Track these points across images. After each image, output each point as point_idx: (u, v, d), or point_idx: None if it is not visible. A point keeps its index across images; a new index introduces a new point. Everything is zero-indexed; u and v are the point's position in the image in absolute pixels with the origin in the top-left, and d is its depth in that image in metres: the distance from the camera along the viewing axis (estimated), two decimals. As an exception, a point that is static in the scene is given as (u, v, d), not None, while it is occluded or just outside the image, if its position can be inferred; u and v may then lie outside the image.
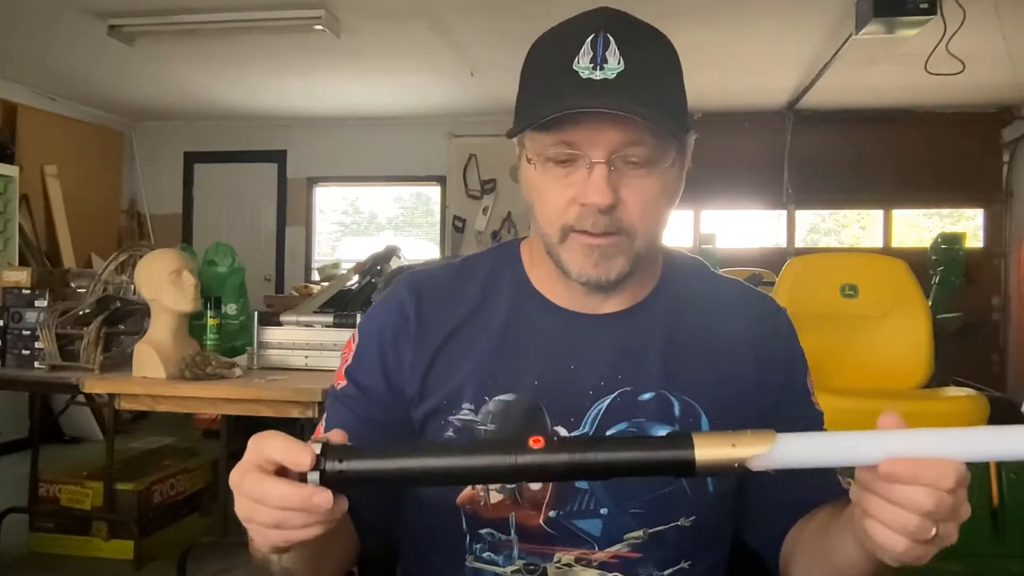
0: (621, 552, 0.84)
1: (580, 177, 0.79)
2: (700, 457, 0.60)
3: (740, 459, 0.60)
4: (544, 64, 0.83)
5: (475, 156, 6.48)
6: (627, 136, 0.77)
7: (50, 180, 5.63)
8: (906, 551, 0.61)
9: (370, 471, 0.61)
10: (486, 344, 0.88)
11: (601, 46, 0.78)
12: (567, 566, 0.84)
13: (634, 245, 0.82)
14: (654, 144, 0.78)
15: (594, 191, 0.78)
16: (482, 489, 0.85)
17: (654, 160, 0.79)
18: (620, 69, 0.77)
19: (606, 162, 0.78)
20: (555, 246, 0.83)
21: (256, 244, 6.77)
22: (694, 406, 0.85)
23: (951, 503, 0.59)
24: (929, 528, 0.59)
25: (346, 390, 0.90)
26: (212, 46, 4.59)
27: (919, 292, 3.02)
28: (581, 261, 0.82)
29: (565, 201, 0.81)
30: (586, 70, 0.77)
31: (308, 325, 2.68)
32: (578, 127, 0.77)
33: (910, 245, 5.89)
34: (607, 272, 0.82)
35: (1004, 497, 2.65)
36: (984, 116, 5.88)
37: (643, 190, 0.80)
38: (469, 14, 4.06)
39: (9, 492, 3.35)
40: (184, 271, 2.46)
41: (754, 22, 4.03)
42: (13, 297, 2.84)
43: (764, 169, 6.07)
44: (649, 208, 0.81)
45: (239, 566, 2.92)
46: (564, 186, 0.81)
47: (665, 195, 0.83)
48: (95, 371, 2.57)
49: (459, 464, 0.62)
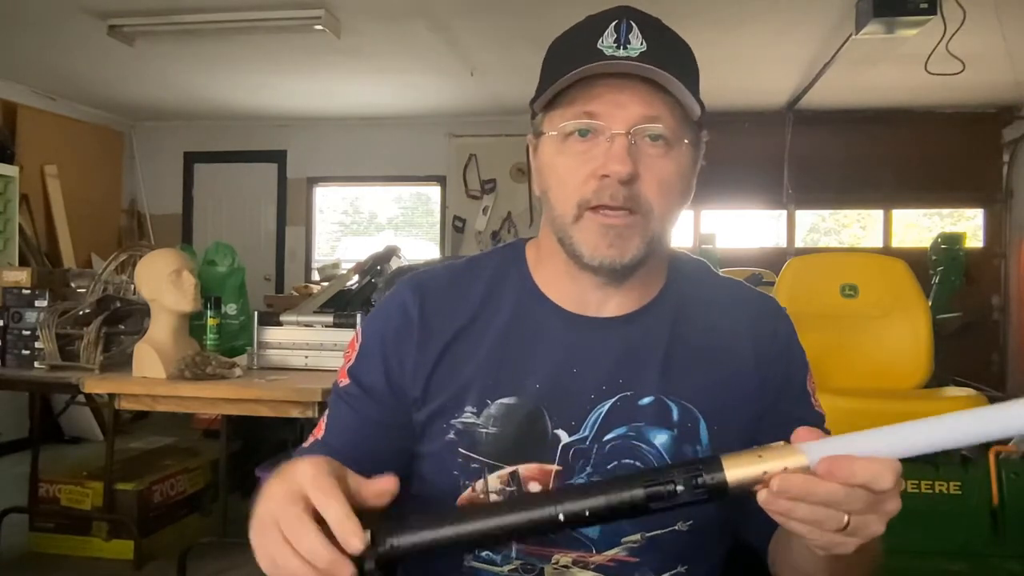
0: (619, 556, 0.84)
1: (600, 151, 0.80)
2: (732, 480, 0.60)
3: (770, 473, 0.60)
4: (567, 47, 0.84)
5: (475, 156, 6.48)
6: (648, 111, 0.79)
7: (50, 180, 5.64)
8: (815, 539, 0.62)
9: (418, 544, 0.61)
10: (489, 346, 0.87)
11: (624, 30, 0.80)
12: (564, 568, 0.84)
13: (650, 227, 0.82)
14: (672, 125, 0.80)
15: (615, 160, 0.78)
16: (482, 490, 0.84)
17: (671, 141, 0.81)
18: (643, 49, 0.79)
19: (626, 134, 0.79)
20: (568, 227, 0.83)
21: (256, 244, 6.77)
22: (692, 411, 0.85)
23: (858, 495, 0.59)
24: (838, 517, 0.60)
25: (348, 389, 0.90)
26: (212, 46, 4.59)
27: (919, 292, 3.02)
28: (596, 241, 0.81)
29: (583, 176, 0.81)
30: (610, 48, 0.79)
31: (308, 325, 2.68)
32: (600, 100, 0.80)
33: (910, 245, 5.89)
34: (622, 253, 0.81)
35: (1004, 497, 2.65)
36: (984, 116, 5.88)
37: (660, 169, 0.81)
38: (469, 14, 4.06)
39: (9, 492, 3.35)
40: (184, 271, 2.46)
41: (754, 22, 4.03)
42: (13, 297, 2.84)
43: (764, 169, 6.07)
44: (665, 188, 0.81)
45: (239, 566, 2.92)
46: (583, 161, 0.81)
47: (680, 180, 0.83)
48: (95, 371, 2.57)
49: (504, 523, 0.61)
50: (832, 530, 0.60)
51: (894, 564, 2.44)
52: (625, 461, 0.84)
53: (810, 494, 0.58)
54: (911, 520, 2.59)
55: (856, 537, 0.61)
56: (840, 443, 0.60)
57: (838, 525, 0.59)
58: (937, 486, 2.66)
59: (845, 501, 0.58)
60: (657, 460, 0.84)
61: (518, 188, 6.43)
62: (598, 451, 0.84)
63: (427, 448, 0.88)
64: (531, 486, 0.84)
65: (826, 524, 0.60)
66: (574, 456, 0.84)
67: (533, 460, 0.84)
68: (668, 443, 0.85)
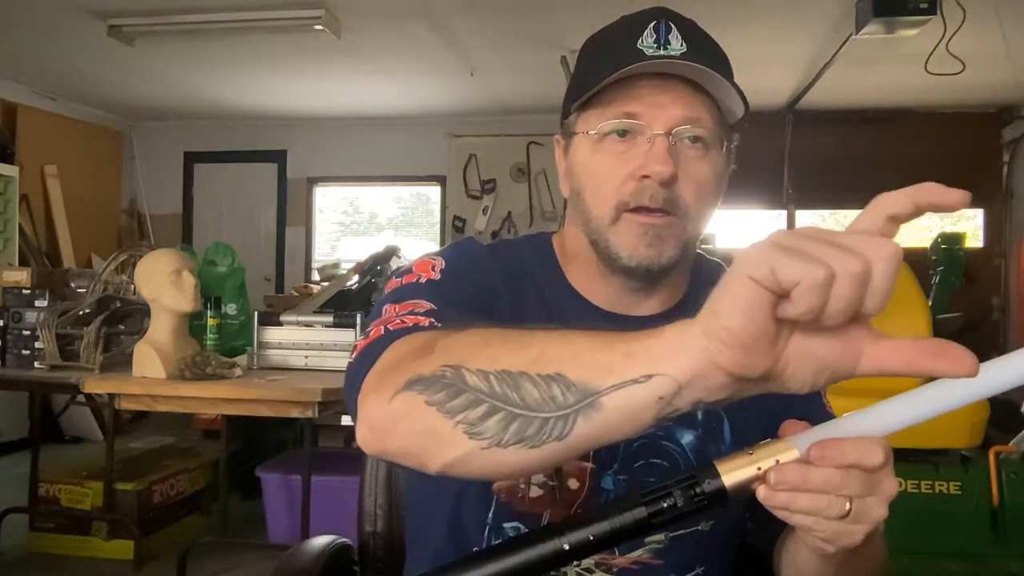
0: (642, 558, 0.84)
1: (640, 152, 0.79)
2: (729, 484, 0.60)
3: (764, 468, 0.60)
4: (605, 47, 0.83)
5: (475, 156, 6.48)
6: (688, 112, 0.79)
7: (50, 180, 5.64)
8: (822, 531, 0.61)
9: None
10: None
11: (664, 31, 0.80)
12: (587, 571, 0.84)
13: (686, 229, 0.81)
14: (711, 127, 0.80)
15: (656, 160, 0.77)
16: (523, 480, 0.84)
17: (709, 143, 0.81)
18: (684, 50, 0.79)
19: (667, 135, 0.78)
20: (605, 229, 0.82)
21: (256, 244, 6.77)
22: (717, 411, 0.86)
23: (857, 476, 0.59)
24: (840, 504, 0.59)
25: (435, 283, 0.80)
26: (212, 46, 4.59)
27: (919, 292, 3.02)
28: (634, 242, 0.80)
29: (622, 177, 0.80)
30: (651, 48, 0.79)
31: (308, 325, 2.68)
32: (641, 101, 0.79)
33: (910, 245, 5.89)
34: (660, 254, 0.80)
35: (1004, 497, 2.65)
36: (984, 116, 5.88)
37: (698, 172, 0.80)
38: (469, 14, 4.06)
39: (9, 492, 3.35)
40: (184, 271, 2.46)
41: (754, 22, 4.03)
42: (13, 297, 2.84)
43: (764, 169, 6.07)
44: (702, 191, 0.81)
45: (239, 566, 2.92)
46: (622, 162, 0.80)
47: (716, 183, 0.83)
48: (95, 371, 2.57)
49: (514, 564, 0.60)
50: (835, 517, 0.60)
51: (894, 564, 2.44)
52: (652, 460, 0.85)
53: (807, 481, 0.58)
54: (911, 520, 2.59)
55: (861, 524, 0.60)
56: (826, 429, 0.61)
57: (841, 512, 0.59)
58: (937, 486, 2.66)
59: (842, 484, 0.58)
60: (683, 459, 0.85)
61: (518, 188, 6.43)
62: (626, 449, 0.84)
63: None
64: (570, 483, 0.84)
65: (829, 511, 0.59)
66: (606, 454, 0.84)
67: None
68: (693, 442, 0.85)
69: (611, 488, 0.84)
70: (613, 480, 0.85)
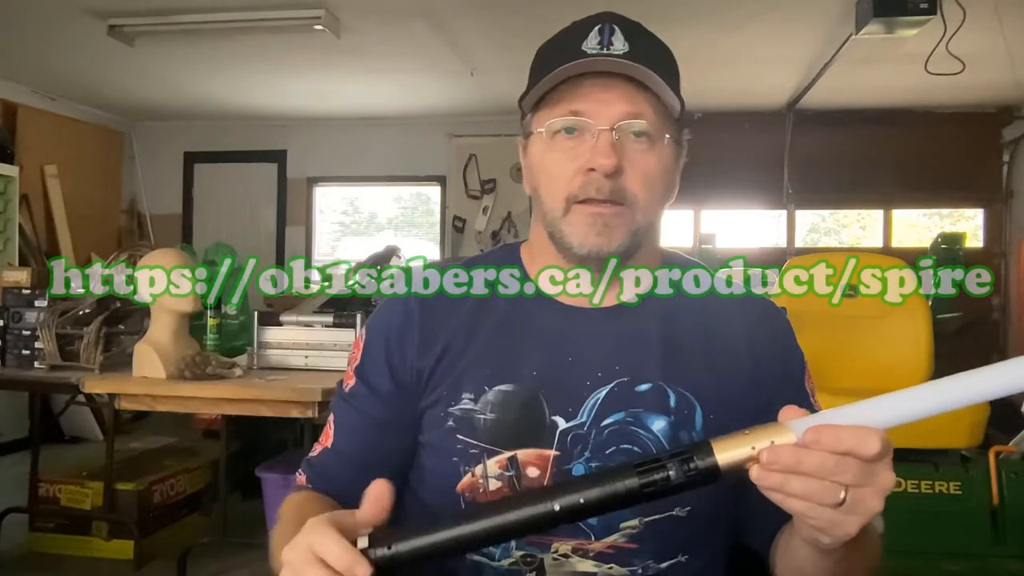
0: (618, 543, 0.85)
1: (587, 147, 0.84)
2: (722, 461, 0.61)
3: (759, 449, 0.61)
4: (553, 50, 0.89)
5: (475, 156, 6.48)
6: (631, 108, 0.84)
7: (50, 180, 5.63)
8: (816, 518, 0.61)
9: (418, 549, 0.63)
10: (486, 339, 0.90)
11: (607, 33, 0.85)
12: (564, 556, 0.85)
13: (635, 218, 0.86)
14: (655, 121, 0.85)
15: (600, 154, 0.83)
16: (481, 476, 0.86)
17: (653, 137, 0.85)
18: (625, 50, 0.84)
19: (611, 129, 0.83)
20: (558, 220, 0.87)
21: (256, 244, 6.77)
22: (690, 399, 0.87)
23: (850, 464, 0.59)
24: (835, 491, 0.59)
25: (355, 389, 0.93)
26: (212, 46, 4.59)
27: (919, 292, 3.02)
28: (584, 231, 0.85)
29: (571, 171, 0.85)
30: (594, 49, 0.84)
31: (308, 325, 2.68)
32: (586, 99, 0.84)
33: (910, 245, 5.89)
34: (609, 242, 0.85)
35: (1004, 497, 2.65)
36: (984, 116, 5.88)
37: (644, 164, 0.85)
38: (469, 14, 4.06)
39: (9, 492, 3.35)
40: (184, 271, 2.46)
41: (754, 22, 4.02)
42: (13, 297, 2.84)
43: (764, 169, 6.06)
44: (648, 182, 0.86)
45: (239, 566, 2.92)
46: (571, 157, 0.86)
47: (663, 175, 0.88)
48: (95, 371, 2.57)
49: (501, 522, 0.62)
50: (830, 505, 0.60)
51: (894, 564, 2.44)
52: (623, 446, 0.86)
53: (800, 463, 0.59)
54: (911, 520, 2.59)
55: (856, 515, 0.61)
56: (826, 416, 0.61)
57: (835, 499, 0.59)
58: (937, 486, 2.66)
59: (836, 470, 0.58)
60: (655, 445, 0.86)
61: (518, 188, 6.42)
62: (596, 436, 0.86)
63: (427, 437, 0.90)
64: (529, 471, 0.86)
65: (822, 497, 0.59)
66: (572, 441, 0.86)
67: (531, 445, 0.86)
68: (665, 429, 0.86)
69: (583, 474, 0.85)
70: (585, 467, 0.86)
